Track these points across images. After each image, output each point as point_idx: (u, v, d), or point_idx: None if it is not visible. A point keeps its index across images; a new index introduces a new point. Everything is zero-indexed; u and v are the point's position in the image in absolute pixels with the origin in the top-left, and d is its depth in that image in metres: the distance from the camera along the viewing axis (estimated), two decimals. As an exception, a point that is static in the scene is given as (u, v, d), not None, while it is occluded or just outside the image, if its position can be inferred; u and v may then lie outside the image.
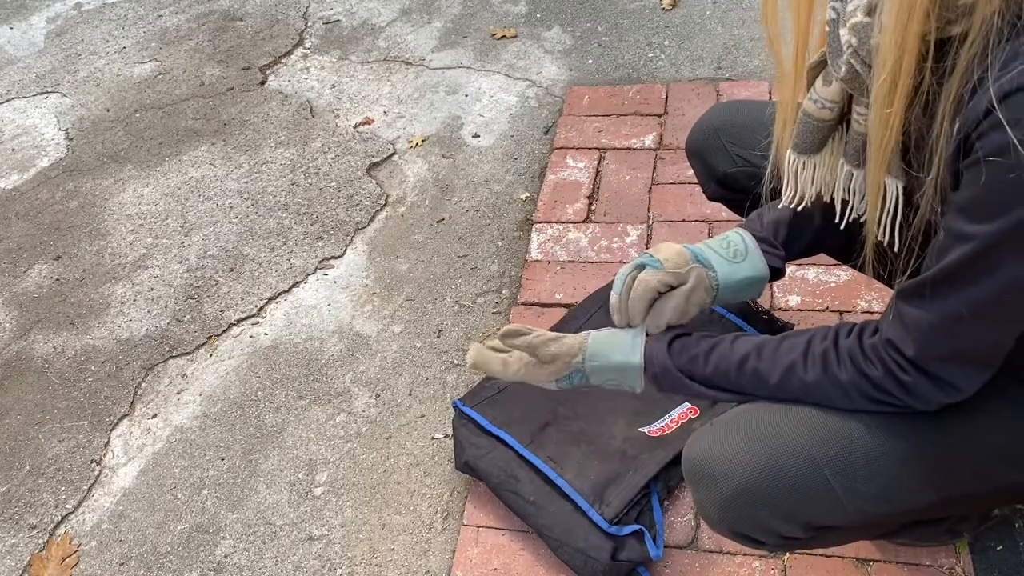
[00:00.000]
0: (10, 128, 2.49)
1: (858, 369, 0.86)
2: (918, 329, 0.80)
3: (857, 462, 0.88)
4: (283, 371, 1.69)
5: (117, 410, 1.68)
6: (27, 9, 3.03)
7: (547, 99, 2.24)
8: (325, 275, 1.88)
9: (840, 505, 0.90)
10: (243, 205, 2.09)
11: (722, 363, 0.95)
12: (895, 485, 0.89)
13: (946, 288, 0.77)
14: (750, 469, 0.91)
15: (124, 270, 1.98)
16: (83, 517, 1.51)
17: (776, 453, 0.90)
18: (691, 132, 1.31)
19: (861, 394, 0.86)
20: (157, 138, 2.35)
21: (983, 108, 0.68)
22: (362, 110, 2.32)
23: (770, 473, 0.90)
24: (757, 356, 0.93)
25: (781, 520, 0.92)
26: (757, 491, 0.91)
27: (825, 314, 1.55)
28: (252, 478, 1.52)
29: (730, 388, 0.95)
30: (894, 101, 0.75)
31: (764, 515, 0.91)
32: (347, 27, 2.67)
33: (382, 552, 1.37)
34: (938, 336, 0.79)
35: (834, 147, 0.92)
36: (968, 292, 0.75)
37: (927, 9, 0.70)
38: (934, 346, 0.80)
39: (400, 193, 2.05)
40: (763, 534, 0.94)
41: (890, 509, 0.91)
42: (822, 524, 0.92)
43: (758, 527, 0.93)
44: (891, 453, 0.88)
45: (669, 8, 2.48)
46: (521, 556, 1.31)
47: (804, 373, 0.89)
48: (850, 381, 0.87)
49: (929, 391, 0.83)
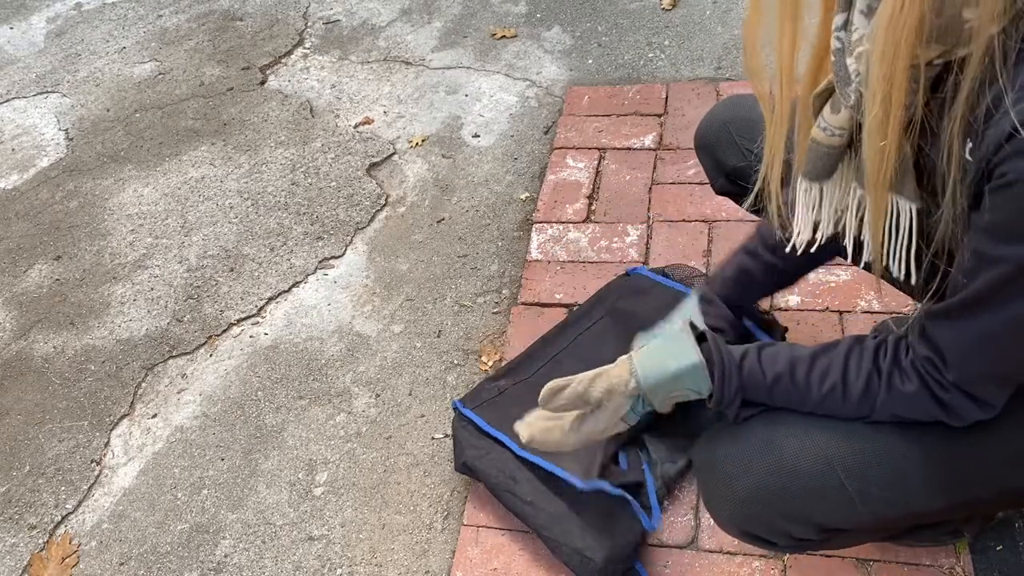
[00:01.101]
0: (10, 128, 2.49)
1: (894, 388, 0.86)
2: (953, 350, 0.80)
3: (872, 465, 0.88)
4: (283, 371, 1.69)
5: (117, 410, 1.68)
6: (27, 9, 3.03)
7: (547, 99, 2.24)
8: (325, 275, 1.88)
9: (853, 508, 0.89)
10: (243, 205, 2.09)
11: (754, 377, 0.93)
12: (909, 489, 0.89)
13: (979, 310, 0.77)
14: (764, 469, 0.90)
15: (124, 270, 1.98)
16: (83, 517, 1.51)
17: (791, 454, 0.90)
18: (700, 126, 1.31)
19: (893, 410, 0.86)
20: (157, 138, 2.35)
21: (1005, 132, 0.67)
22: (362, 110, 2.32)
23: (784, 474, 0.90)
24: (791, 379, 0.91)
25: (793, 521, 0.91)
26: (770, 492, 0.90)
27: (825, 314, 1.55)
28: (252, 478, 1.52)
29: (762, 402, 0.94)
30: (887, 133, 0.75)
31: (776, 516, 0.91)
32: (347, 27, 2.67)
33: (382, 552, 1.37)
34: (975, 357, 0.80)
35: (845, 171, 0.91)
36: (1003, 313, 0.75)
37: (914, 42, 0.69)
38: (972, 366, 0.80)
39: (400, 193, 2.05)
40: (774, 535, 0.94)
41: (902, 512, 0.91)
42: (834, 526, 0.92)
43: (770, 528, 0.93)
44: (907, 457, 0.88)
45: (669, 8, 2.48)
46: (521, 556, 1.31)
47: (843, 400, 0.89)
48: (885, 399, 0.86)
49: (967, 409, 0.83)
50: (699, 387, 0.95)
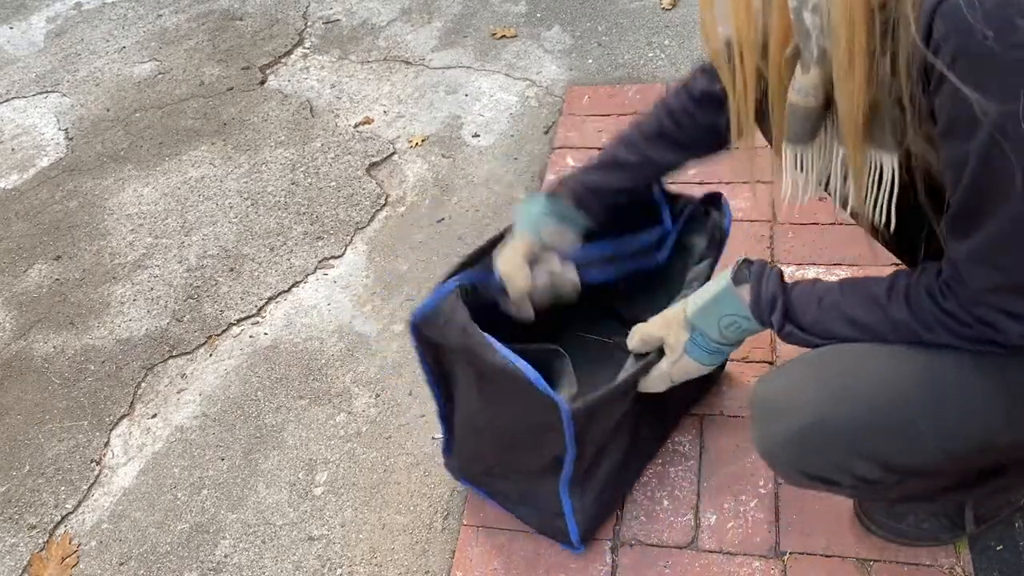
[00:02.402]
0: (10, 128, 2.49)
1: (938, 304, 0.85)
2: (965, 265, 0.80)
3: (941, 396, 0.87)
4: (283, 371, 1.69)
5: (117, 410, 1.68)
6: (27, 9, 3.03)
7: (547, 99, 2.24)
8: (325, 275, 1.88)
9: (922, 442, 0.87)
10: (243, 205, 2.09)
11: (803, 296, 0.94)
12: (978, 420, 0.87)
13: (972, 219, 0.77)
14: (824, 401, 0.88)
15: (124, 270, 1.98)
16: (83, 517, 1.51)
17: (854, 385, 0.88)
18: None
19: (946, 330, 0.85)
20: (157, 138, 2.35)
21: (923, 34, 0.69)
22: (362, 110, 2.32)
23: (847, 405, 0.88)
24: (840, 290, 0.92)
25: (857, 458, 0.89)
26: (832, 424, 0.88)
27: (825, 314, 1.55)
28: (252, 478, 1.52)
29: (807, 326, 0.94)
30: (854, 76, 0.77)
31: (838, 452, 0.89)
32: (347, 27, 2.67)
33: (382, 552, 1.37)
34: (983, 268, 0.79)
35: (826, 133, 0.92)
36: (994, 218, 0.75)
37: None
38: (984, 279, 0.80)
39: (400, 193, 2.05)
40: (837, 473, 0.91)
41: (972, 446, 0.88)
42: (901, 465, 0.89)
43: (831, 465, 0.90)
44: (975, 386, 0.86)
45: (669, 8, 2.48)
46: (521, 556, 1.31)
47: (888, 304, 0.88)
48: (933, 315, 0.85)
49: (1005, 325, 0.81)
50: (738, 309, 0.99)
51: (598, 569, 1.27)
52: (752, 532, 1.28)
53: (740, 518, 1.30)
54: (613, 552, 1.29)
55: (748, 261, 1.02)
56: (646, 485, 1.36)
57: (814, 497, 1.29)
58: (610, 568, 1.27)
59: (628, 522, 1.32)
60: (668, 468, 1.38)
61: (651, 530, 1.31)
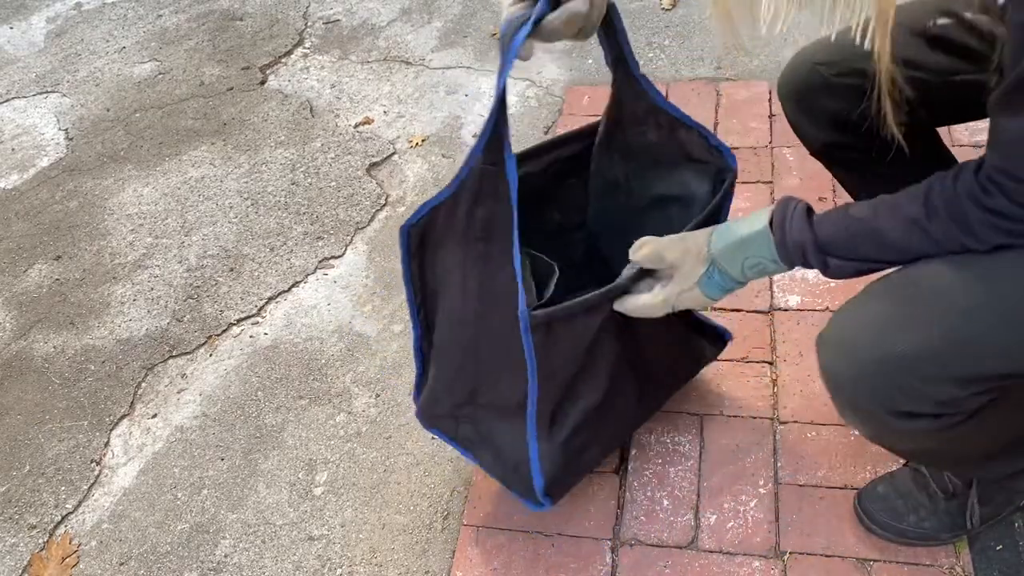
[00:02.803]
0: (10, 128, 2.49)
1: (982, 205, 0.81)
2: (1019, 142, 0.77)
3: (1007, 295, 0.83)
4: (283, 371, 1.69)
5: (117, 410, 1.68)
6: (27, 9, 3.03)
7: (547, 99, 2.24)
8: (325, 275, 1.88)
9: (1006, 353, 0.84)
10: (243, 205, 2.09)
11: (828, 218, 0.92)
12: None
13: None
14: (894, 325, 0.86)
15: (124, 270, 1.98)
16: (83, 517, 1.51)
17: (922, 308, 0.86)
18: (783, 75, 1.21)
19: (996, 230, 0.82)
20: (157, 138, 2.35)
21: None
22: (362, 110, 2.32)
23: (917, 325, 0.85)
24: (873, 216, 0.89)
25: (933, 382, 0.86)
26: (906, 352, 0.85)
27: (825, 314, 1.55)
28: (252, 478, 1.52)
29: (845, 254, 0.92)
30: None
31: (914, 380, 0.86)
32: (347, 27, 2.67)
33: (382, 552, 1.37)
34: None
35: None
36: None
37: None
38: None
39: (400, 193, 2.05)
40: (915, 402, 0.88)
41: None
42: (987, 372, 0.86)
43: (909, 394, 0.87)
44: None
45: (669, 8, 2.48)
46: (521, 556, 1.31)
47: (929, 225, 0.85)
48: (978, 220, 0.82)
49: None
50: (766, 252, 0.96)
51: (598, 569, 1.27)
52: (752, 532, 1.28)
53: (740, 518, 1.30)
54: (613, 552, 1.29)
55: (789, 199, 0.97)
56: (646, 485, 1.36)
57: (814, 497, 1.29)
58: (610, 568, 1.27)
59: (628, 522, 1.32)
60: (668, 468, 1.38)
61: (651, 530, 1.31)
